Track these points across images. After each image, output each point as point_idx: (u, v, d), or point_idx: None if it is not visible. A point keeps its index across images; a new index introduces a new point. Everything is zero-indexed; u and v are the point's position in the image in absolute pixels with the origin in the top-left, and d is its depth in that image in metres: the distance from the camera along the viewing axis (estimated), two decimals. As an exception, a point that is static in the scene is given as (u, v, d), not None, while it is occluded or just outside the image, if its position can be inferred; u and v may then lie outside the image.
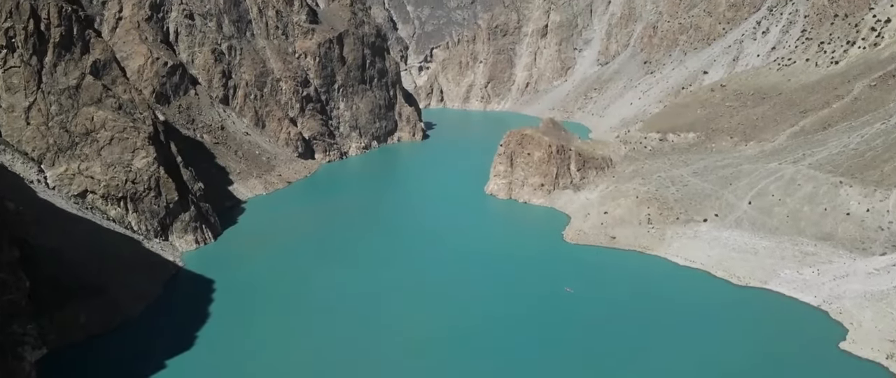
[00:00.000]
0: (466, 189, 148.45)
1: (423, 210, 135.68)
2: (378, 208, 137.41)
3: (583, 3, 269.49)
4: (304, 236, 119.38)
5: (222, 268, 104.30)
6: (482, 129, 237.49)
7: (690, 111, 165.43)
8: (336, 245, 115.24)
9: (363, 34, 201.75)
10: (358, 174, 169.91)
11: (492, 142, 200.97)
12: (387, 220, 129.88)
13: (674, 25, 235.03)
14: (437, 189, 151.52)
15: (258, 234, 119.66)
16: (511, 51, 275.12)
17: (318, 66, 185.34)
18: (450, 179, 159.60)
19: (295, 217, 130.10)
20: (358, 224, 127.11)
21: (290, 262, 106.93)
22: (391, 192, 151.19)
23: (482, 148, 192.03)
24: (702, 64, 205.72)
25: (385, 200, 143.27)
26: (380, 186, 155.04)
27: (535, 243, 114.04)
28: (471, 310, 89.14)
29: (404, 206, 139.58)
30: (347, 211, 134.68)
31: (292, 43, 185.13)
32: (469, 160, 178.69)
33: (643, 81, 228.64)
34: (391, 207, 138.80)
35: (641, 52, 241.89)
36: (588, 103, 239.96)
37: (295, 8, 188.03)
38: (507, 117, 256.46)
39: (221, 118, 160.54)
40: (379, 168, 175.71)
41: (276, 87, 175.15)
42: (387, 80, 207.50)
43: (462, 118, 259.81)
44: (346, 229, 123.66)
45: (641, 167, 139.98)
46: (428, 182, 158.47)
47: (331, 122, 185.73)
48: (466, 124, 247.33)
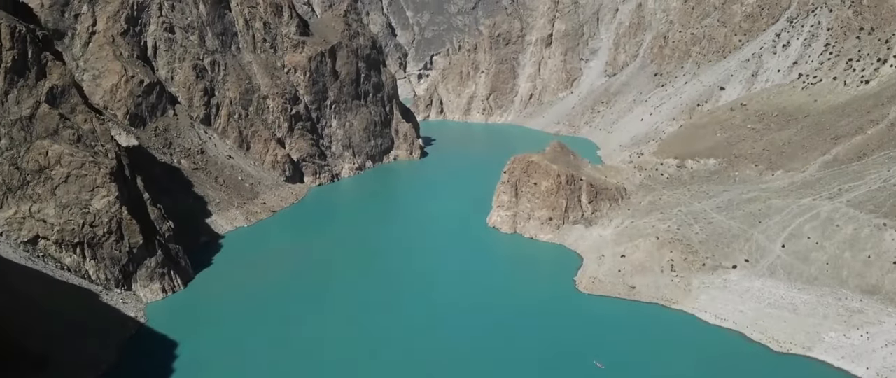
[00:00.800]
0: (467, 220, 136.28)
1: (419, 248, 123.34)
2: (368, 246, 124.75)
3: (589, 11, 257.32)
4: (282, 282, 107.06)
5: (189, 323, 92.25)
6: (484, 145, 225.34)
7: (709, 133, 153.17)
8: (318, 293, 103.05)
9: (357, 46, 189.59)
10: (348, 202, 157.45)
11: (494, 160, 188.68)
12: (377, 261, 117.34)
13: (686, 36, 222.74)
14: (435, 220, 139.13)
15: (233, 279, 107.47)
16: (514, 61, 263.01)
17: (308, 81, 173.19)
18: (448, 208, 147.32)
19: (275, 256, 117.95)
20: (344, 267, 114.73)
21: (266, 316, 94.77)
22: (383, 224, 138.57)
23: (484, 168, 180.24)
24: (718, 78, 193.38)
25: (376, 236, 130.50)
26: (371, 217, 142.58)
27: (546, 293, 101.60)
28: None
29: (398, 242, 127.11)
30: (333, 249, 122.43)
31: (281, 57, 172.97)
32: (470, 183, 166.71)
33: (654, 95, 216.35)
34: (383, 245, 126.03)
35: (651, 64, 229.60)
36: (595, 117, 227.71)
37: (284, 19, 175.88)
38: (510, 131, 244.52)
39: (202, 140, 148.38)
40: (371, 194, 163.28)
41: (263, 105, 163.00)
42: (383, 95, 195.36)
43: (463, 132, 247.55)
44: (330, 273, 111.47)
45: (659, 199, 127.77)
46: (424, 211, 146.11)
47: (322, 141, 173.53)
48: (467, 139, 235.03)
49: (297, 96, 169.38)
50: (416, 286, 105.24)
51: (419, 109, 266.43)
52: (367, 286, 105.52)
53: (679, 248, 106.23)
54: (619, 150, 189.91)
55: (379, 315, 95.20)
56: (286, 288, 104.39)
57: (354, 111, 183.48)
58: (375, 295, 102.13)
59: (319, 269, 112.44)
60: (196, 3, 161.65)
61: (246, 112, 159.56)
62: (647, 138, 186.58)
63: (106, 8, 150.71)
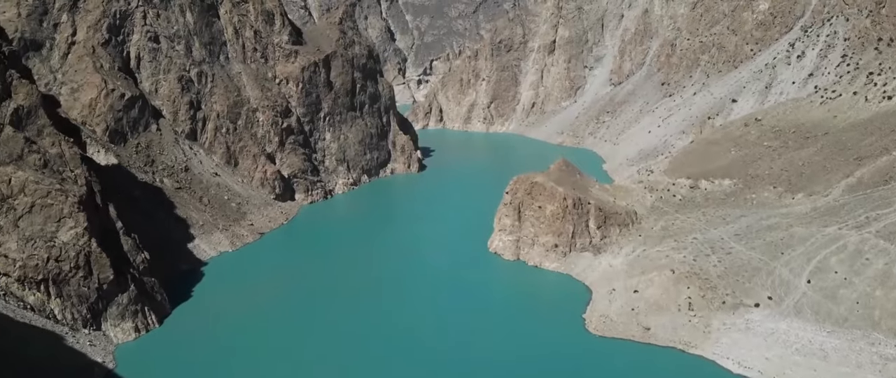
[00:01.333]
0: (466, 244, 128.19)
1: (415, 277, 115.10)
2: (360, 275, 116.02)
3: (593, 18, 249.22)
4: (265, 316, 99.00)
5: (163, 367, 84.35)
6: (485, 157, 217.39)
7: (722, 150, 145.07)
8: (303, 329, 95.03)
9: (353, 55, 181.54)
10: (340, 223, 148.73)
11: (496, 174, 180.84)
12: (370, 292, 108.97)
13: (694, 44, 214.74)
14: (433, 244, 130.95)
15: (213, 314, 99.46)
16: (516, 68, 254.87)
17: (301, 92, 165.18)
18: (447, 229, 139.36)
19: (258, 287, 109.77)
20: (333, 299, 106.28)
21: (246, 356, 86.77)
22: (377, 248, 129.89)
23: (485, 182, 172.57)
24: (729, 90, 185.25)
25: (369, 263, 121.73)
26: (364, 241, 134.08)
27: (553, 334, 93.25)
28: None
29: (393, 270, 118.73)
30: (321, 279, 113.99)
31: (272, 67, 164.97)
32: (470, 200, 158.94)
33: (661, 105, 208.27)
34: (376, 273, 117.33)
35: (658, 72, 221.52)
36: (600, 128, 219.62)
37: (276, 27, 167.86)
38: (511, 141, 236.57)
39: (187, 157, 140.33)
40: (365, 214, 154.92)
41: (252, 118, 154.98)
42: (380, 106, 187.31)
43: (463, 142, 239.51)
44: (317, 306, 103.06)
45: (672, 223, 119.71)
46: (421, 233, 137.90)
47: (315, 155, 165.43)
48: (468, 149, 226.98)
49: (288, 109, 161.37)
50: (411, 323, 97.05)
51: (418, 118, 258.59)
52: (357, 323, 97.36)
53: (697, 282, 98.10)
54: (626, 165, 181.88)
55: (368, 359, 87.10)
56: (269, 323, 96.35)
57: (349, 123, 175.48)
58: (366, 333, 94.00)
59: (305, 302, 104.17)
60: (183, 11, 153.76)
61: (234, 126, 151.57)
62: (656, 152, 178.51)
63: (86, 17, 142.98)
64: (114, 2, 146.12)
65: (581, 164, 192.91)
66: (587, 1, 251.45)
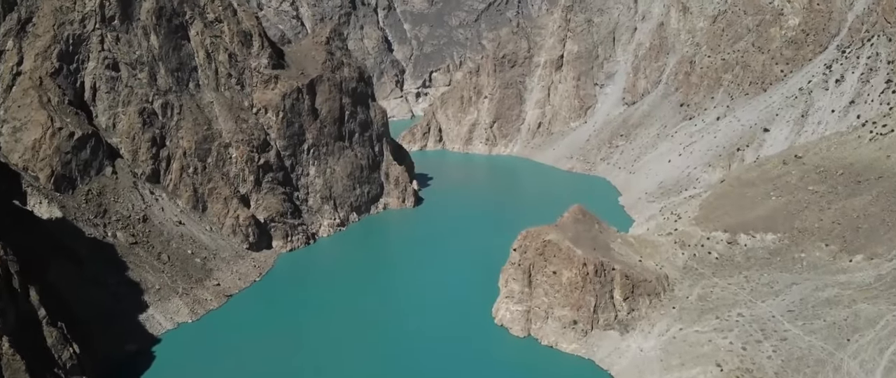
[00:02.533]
0: (467, 311, 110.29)
1: (404, 356, 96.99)
2: (338, 347, 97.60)
3: (604, 31, 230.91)
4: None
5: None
6: (488, 186, 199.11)
7: (760, 194, 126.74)
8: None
9: (342, 79, 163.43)
10: (322, 276, 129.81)
11: (500, 210, 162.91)
12: (350, 373, 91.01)
13: (715, 61, 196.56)
14: (427, 310, 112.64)
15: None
16: (520, 84, 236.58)
17: (281, 122, 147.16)
18: (445, 286, 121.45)
19: (217, 371, 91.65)
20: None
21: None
22: (361, 311, 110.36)
23: (488, 221, 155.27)
24: (759, 116, 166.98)
25: (351, 330, 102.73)
26: (346, 300, 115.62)
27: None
28: None
29: (378, 342, 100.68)
30: (294, 354, 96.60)
31: (249, 95, 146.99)
32: (471, 244, 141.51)
33: (681, 130, 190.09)
34: (358, 351, 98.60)
35: (676, 92, 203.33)
36: (613, 153, 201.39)
37: (254, 50, 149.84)
38: (516, 166, 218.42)
39: (146, 204, 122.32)
40: (351, 263, 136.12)
41: (224, 155, 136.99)
42: (371, 134, 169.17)
43: (464, 166, 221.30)
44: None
45: (710, 291, 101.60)
46: (414, 293, 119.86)
47: (297, 194, 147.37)
48: (469, 176, 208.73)
49: (267, 142, 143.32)
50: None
51: (416, 138, 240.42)
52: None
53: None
54: (645, 200, 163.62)
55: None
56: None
57: (337, 155, 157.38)
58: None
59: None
60: (146, 34, 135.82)
61: (203, 165, 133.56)
62: (679, 186, 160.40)
63: (35, 43, 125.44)
64: (66, 25, 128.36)
65: (594, 197, 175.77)
66: (597, 12, 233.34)
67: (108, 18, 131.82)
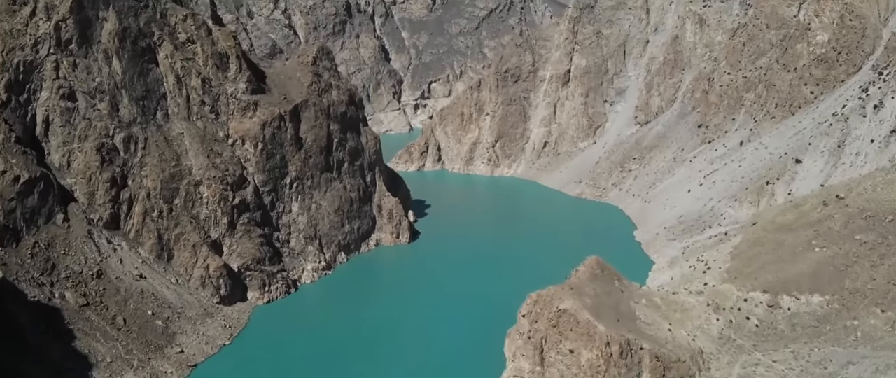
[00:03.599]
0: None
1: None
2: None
3: (614, 44, 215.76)
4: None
5: None
6: (491, 214, 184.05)
7: (801, 242, 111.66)
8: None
9: (330, 103, 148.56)
10: (300, 334, 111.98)
11: (506, 247, 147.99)
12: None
13: (736, 79, 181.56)
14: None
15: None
16: (524, 101, 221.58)
17: (260, 154, 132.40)
18: (442, 349, 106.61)
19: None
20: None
21: None
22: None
23: (492, 262, 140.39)
24: (788, 144, 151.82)
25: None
26: (325, 369, 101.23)
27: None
28: None
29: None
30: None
31: (224, 124, 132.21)
32: (473, 292, 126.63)
33: (700, 154, 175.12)
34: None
35: (693, 112, 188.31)
36: (626, 178, 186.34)
37: (230, 73, 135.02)
38: (521, 189, 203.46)
39: (102, 256, 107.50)
40: (334, 317, 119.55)
41: (194, 194, 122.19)
42: (362, 162, 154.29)
43: (464, 190, 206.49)
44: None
45: (753, 372, 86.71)
46: (405, 358, 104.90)
47: (277, 235, 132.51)
48: (470, 202, 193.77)
49: (243, 177, 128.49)
50: None
51: (413, 158, 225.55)
52: None
53: None
54: (664, 236, 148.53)
55: None
56: None
57: (323, 188, 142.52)
58: None
59: None
60: (108, 59, 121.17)
61: (169, 207, 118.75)
62: (702, 223, 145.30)
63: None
64: (17, 50, 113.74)
65: (607, 231, 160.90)
66: (606, 24, 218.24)
67: (64, 42, 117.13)
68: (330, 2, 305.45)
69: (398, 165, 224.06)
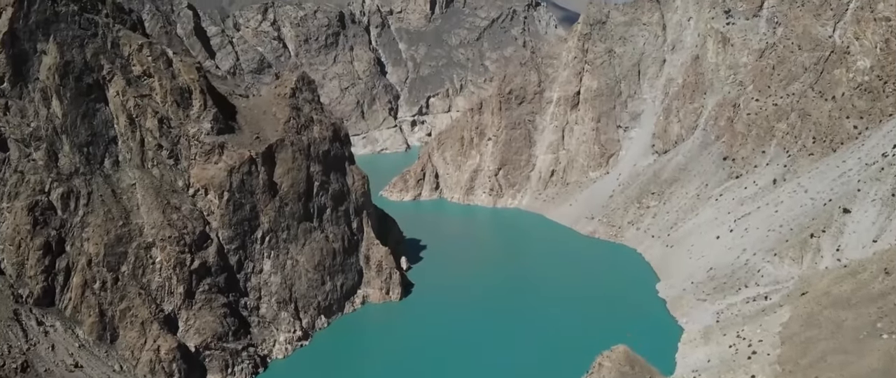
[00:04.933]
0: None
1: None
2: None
3: (628, 63, 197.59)
4: None
5: None
6: (495, 258, 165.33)
7: (863, 323, 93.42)
8: None
9: (310, 141, 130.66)
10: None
11: (514, 302, 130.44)
12: None
13: (765, 106, 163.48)
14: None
15: None
16: (530, 124, 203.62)
17: (226, 206, 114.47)
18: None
19: None
20: None
21: None
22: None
23: (498, 323, 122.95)
24: (831, 187, 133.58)
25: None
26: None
27: None
28: None
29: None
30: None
31: (185, 171, 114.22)
32: (477, 360, 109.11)
33: (727, 192, 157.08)
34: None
35: (717, 142, 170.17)
36: (644, 215, 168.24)
37: (193, 111, 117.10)
38: (528, 224, 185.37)
39: (30, 341, 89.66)
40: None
41: (145, 259, 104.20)
42: (348, 207, 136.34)
43: (464, 224, 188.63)
44: None
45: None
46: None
47: (244, 301, 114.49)
48: (471, 243, 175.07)
49: (205, 235, 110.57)
50: None
51: (408, 186, 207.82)
52: None
53: None
54: (693, 295, 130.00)
55: None
56: None
57: (301, 241, 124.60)
58: None
59: None
60: (46, 99, 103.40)
61: (115, 276, 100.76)
62: (736, 280, 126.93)
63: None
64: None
65: (625, 279, 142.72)
66: (619, 41, 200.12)
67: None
68: (322, 12, 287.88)
69: (393, 194, 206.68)
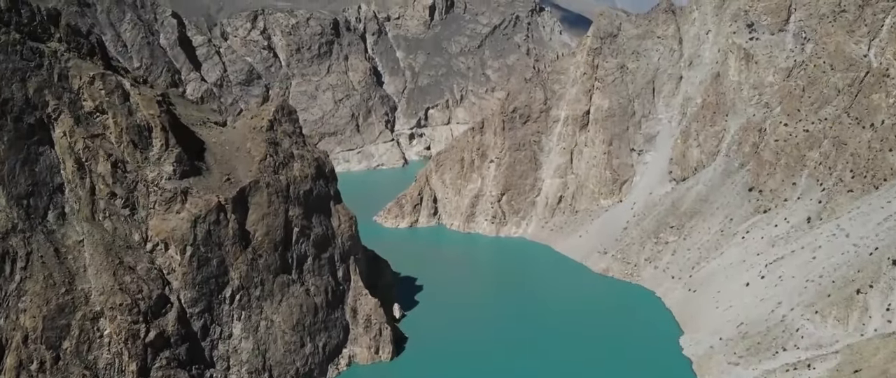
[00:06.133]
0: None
1: None
2: None
3: (642, 80, 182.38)
4: None
5: None
6: (500, 299, 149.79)
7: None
8: None
9: (289, 180, 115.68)
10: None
11: (522, 359, 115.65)
12: None
13: (795, 132, 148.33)
14: None
15: None
16: (535, 145, 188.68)
17: (190, 262, 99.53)
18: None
19: None
20: None
21: None
22: None
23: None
24: (876, 233, 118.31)
25: None
26: None
27: None
28: None
29: None
30: None
31: (142, 223, 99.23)
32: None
33: (755, 228, 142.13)
34: None
35: (742, 170, 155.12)
36: (662, 253, 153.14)
37: (153, 152, 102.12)
38: (535, 258, 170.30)
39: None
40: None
41: (91, 333, 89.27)
42: (333, 254, 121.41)
43: (464, 257, 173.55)
44: None
45: None
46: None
47: (210, 374, 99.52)
48: (472, 281, 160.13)
49: (163, 299, 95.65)
50: None
51: (404, 212, 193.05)
52: None
53: None
54: (722, 353, 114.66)
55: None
56: None
57: (277, 297, 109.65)
58: None
59: None
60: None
61: (55, 355, 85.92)
62: (772, 341, 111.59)
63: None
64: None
65: (644, 329, 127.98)
66: (632, 56, 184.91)
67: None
68: (315, 20, 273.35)
69: (387, 221, 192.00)
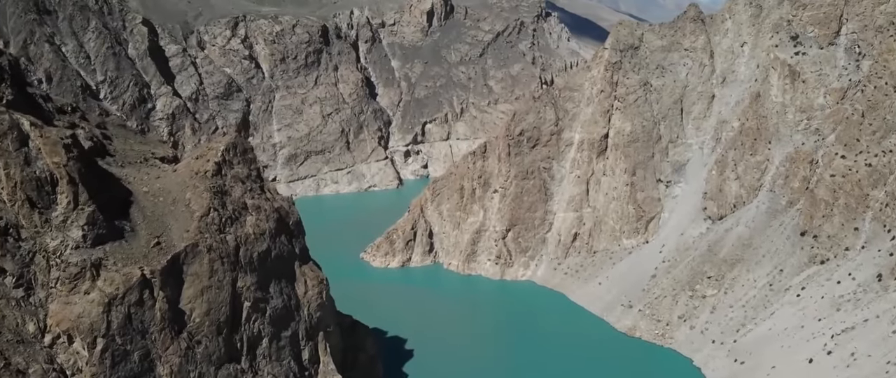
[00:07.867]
0: None
1: None
2: None
3: (668, 99, 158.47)
4: None
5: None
6: (507, 363, 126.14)
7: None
8: None
9: (240, 241, 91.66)
10: None
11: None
12: None
13: (855, 165, 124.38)
14: None
15: None
16: (545, 172, 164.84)
17: (101, 359, 75.82)
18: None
19: None
20: None
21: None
22: None
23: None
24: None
25: None
26: None
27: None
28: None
29: None
30: None
31: (38, 310, 75.27)
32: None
33: (812, 283, 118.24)
34: None
35: (790, 209, 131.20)
36: (699, 309, 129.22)
37: (57, 212, 78.26)
38: (543, 308, 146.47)
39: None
40: None
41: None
42: (297, 330, 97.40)
43: (464, 308, 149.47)
44: None
45: None
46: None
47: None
48: (473, 345, 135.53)
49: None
50: None
51: (395, 249, 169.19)
52: None
53: None
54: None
55: None
56: None
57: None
58: None
59: None
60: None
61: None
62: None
63: None
64: None
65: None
66: (656, 71, 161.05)
67: None
68: (302, 26, 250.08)
69: (376, 259, 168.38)
